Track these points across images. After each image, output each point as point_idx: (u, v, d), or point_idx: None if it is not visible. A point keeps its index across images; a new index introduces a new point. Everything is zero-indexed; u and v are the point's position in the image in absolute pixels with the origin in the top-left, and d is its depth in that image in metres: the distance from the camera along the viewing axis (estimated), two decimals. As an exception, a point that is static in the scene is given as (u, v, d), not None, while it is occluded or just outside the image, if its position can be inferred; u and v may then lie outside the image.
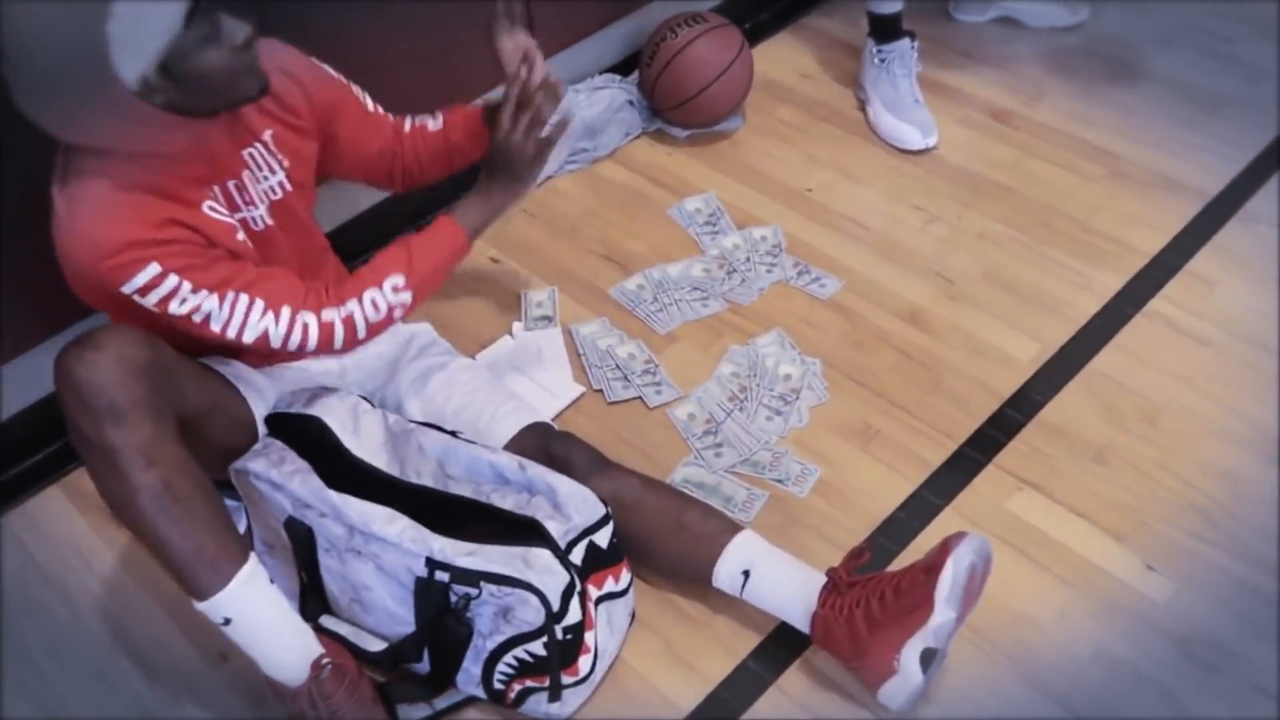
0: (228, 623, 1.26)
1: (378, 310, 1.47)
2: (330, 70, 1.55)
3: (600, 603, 1.38)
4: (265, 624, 1.28)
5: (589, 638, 1.35)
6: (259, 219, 1.44)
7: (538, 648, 1.31)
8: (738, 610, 1.47)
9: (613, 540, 1.39)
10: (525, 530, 1.33)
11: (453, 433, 1.48)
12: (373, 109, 1.61)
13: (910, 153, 2.21)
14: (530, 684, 1.34)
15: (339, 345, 1.47)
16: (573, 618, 1.32)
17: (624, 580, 1.42)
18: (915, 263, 1.98)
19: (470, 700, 1.40)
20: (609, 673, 1.43)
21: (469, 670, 1.36)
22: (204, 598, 1.24)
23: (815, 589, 1.36)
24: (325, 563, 1.39)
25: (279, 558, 1.44)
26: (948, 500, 1.60)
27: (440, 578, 1.30)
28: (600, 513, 1.38)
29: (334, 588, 1.41)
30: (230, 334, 1.37)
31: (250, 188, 1.42)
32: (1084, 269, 1.94)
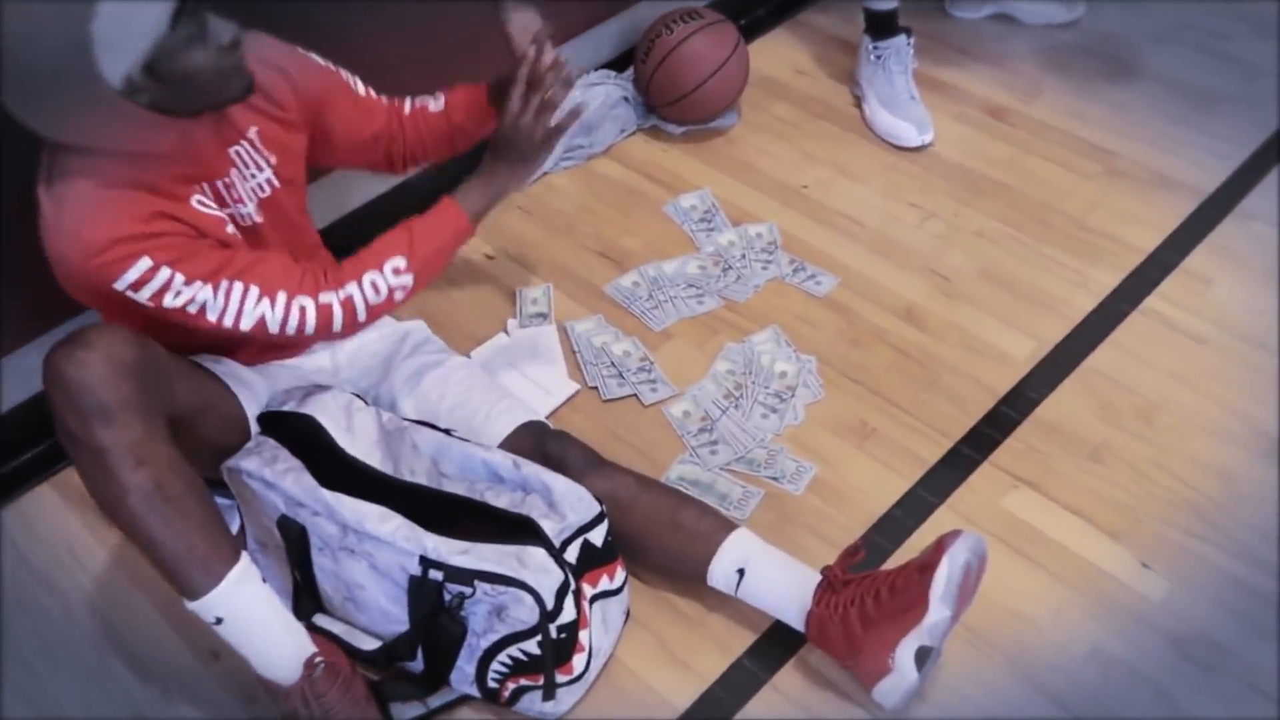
0: (219, 622, 1.25)
1: (378, 293, 1.43)
2: (317, 58, 1.52)
3: (595, 601, 1.38)
4: (257, 623, 1.27)
5: (583, 636, 1.35)
6: (247, 216, 1.42)
7: (532, 646, 1.31)
8: (733, 608, 1.47)
9: (607, 538, 1.39)
10: (520, 528, 1.32)
11: (447, 431, 1.48)
12: (364, 93, 1.59)
13: (906, 149, 2.21)
14: (525, 682, 1.34)
15: (338, 328, 1.43)
16: (567, 616, 1.31)
17: (619, 579, 1.41)
18: (911, 260, 1.98)
19: (464, 699, 1.40)
20: (603, 671, 1.42)
21: (463, 669, 1.35)
22: (195, 597, 1.24)
23: (810, 587, 1.36)
24: (318, 561, 1.38)
25: (272, 556, 1.43)
26: (943, 498, 1.60)
27: (434, 576, 1.30)
28: (595, 511, 1.37)
29: (327, 586, 1.40)
30: (227, 323, 1.35)
31: (238, 185, 1.40)
32: (1080, 266, 1.94)
